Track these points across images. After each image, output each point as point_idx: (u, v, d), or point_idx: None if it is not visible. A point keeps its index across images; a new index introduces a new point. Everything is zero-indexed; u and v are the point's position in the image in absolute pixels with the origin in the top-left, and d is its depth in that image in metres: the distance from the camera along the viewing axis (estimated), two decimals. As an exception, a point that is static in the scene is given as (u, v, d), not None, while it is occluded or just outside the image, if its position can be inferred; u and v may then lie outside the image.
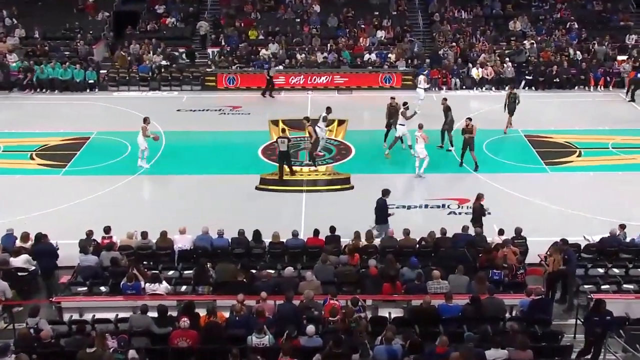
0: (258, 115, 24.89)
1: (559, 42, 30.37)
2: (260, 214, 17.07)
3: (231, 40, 30.52)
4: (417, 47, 30.36)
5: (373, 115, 25.30)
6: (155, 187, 18.99)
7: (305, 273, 12.63)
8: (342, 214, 16.70)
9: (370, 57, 29.41)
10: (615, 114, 24.74)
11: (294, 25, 32.14)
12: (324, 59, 29.37)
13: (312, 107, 25.70)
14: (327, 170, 19.98)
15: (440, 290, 12.10)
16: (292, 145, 21.25)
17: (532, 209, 17.25)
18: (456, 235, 14.37)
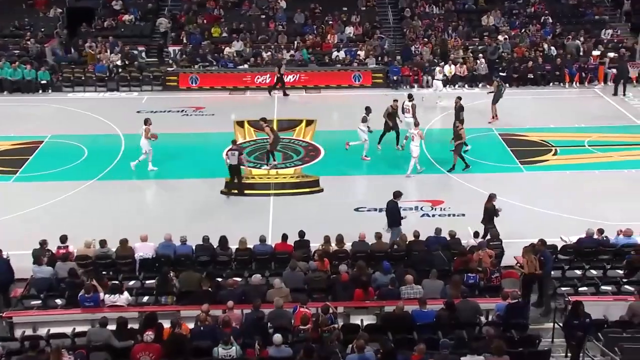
0: (223, 116, 24.81)
1: (533, 37, 30.88)
2: (225, 219, 17.02)
3: (193, 38, 30.37)
4: (387, 43, 30.58)
5: (342, 115, 25.52)
6: (114, 192, 18.77)
7: (274, 280, 12.62)
8: (312, 218, 16.75)
9: (338, 54, 29.54)
10: (591, 110, 25.23)
11: (259, 21, 32.13)
12: (290, 57, 29.41)
13: (279, 107, 25.75)
14: (295, 173, 19.99)
15: (414, 296, 12.19)
16: (259, 147, 21.29)
17: (508, 210, 17.45)
18: (429, 238, 14.50)
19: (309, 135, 22.93)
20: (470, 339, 10.90)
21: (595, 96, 27.08)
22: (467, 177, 19.36)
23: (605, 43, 30.43)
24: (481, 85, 27.97)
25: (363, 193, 18.56)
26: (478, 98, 25.19)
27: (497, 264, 13.47)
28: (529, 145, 21.67)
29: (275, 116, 24.61)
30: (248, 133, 23.10)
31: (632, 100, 26.08)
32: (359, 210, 17.66)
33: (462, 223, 16.31)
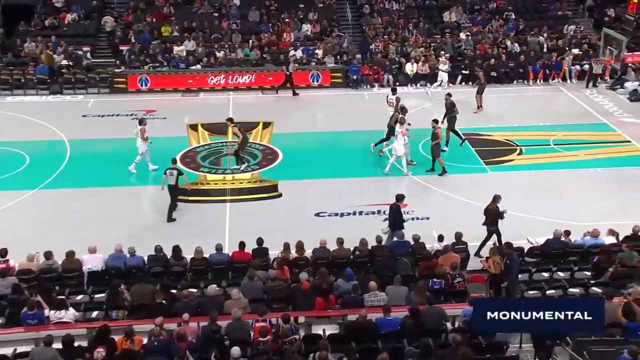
0: (175, 119, 24.62)
1: (496, 33, 31.42)
2: (179, 227, 16.90)
3: (142, 38, 30.07)
4: (346, 41, 30.76)
5: (301, 116, 25.55)
6: (59, 202, 18.44)
7: (231, 291, 12.57)
8: (270, 225, 16.73)
9: (295, 53, 29.59)
10: (556, 108, 25.78)
11: (212, 20, 31.95)
12: (245, 57, 29.34)
13: (234, 109, 25.66)
14: (253, 178, 19.95)
15: (377, 303, 12.26)
16: (214, 152, 21.19)
17: (473, 212, 17.69)
18: (393, 243, 14.61)
19: (266, 138, 22.90)
20: (436, 346, 11.00)
21: (560, 93, 27.66)
22: (431, 179, 19.57)
23: (569, 39, 31.12)
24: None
25: (324, 197, 18.58)
26: (440, 97, 25.43)
27: (457, 267, 13.56)
28: (493, 145, 22.02)
29: (231, 117, 24.53)
30: (202, 137, 22.96)
31: (597, 97, 26.71)
32: (319, 215, 17.70)
33: (426, 227, 16.47)
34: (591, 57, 28.67)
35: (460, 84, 28.45)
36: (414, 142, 20.68)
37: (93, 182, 19.48)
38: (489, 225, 15.59)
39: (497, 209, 15.62)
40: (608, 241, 14.79)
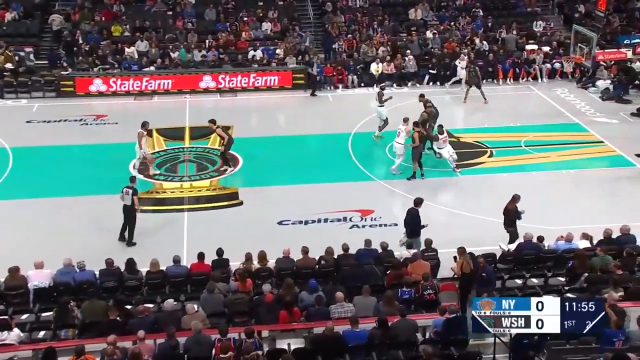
0: (128, 124, 24.28)
1: (464, 31, 31.81)
2: (133, 239, 16.71)
3: (90, 38, 29.71)
4: (307, 41, 30.83)
5: (261, 119, 25.53)
6: (1, 215, 18.10)
7: (188, 305, 12.45)
8: (231, 234, 16.68)
9: (255, 54, 29.55)
10: (527, 108, 26.17)
11: (166, 18, 31.75)
12: (202, 58, 29.20)
13: (191, 113, 25.53)
14: (212, 185, 19.85)
15: (344, 314, 12.28)
16: (170, 157, 21.06)
17: (443, 216, 17.89)
18: (360, 252, 14.65)
19: (225, 142, 22.80)
20: (406, 359, 11.03)
21: (531, 93, 28.10)
22: (398, 183, 19.68)
23: (539, 36, 31.66)
24: (410, 84, 28.55)
25: (286, 205, 18.56)
26: (407, 98, 25.68)
27: (429, 276, 13.65)
28: (462, 147, 22.22)
29: (187, 123, 24.40)
30: (157, 143, 22.78)
31: (568, 96, 27.20)
32: (282, 223, 17.69)
33: (394, 233, 16.57)
34: (562, 55, 29.22)
35: (428, 84, 28.71)
36: (381, 146, 20.85)
37: (39, 192, 19.17)
38: (508, 226, 15.84)
39: (516, 209, 15.85)
40: (582, 245, 15.03)
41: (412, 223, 15.84)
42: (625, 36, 28.68)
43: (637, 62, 27.89)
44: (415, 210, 15.94)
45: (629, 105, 25.92)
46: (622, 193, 19.43)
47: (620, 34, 30.03)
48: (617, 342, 10.99)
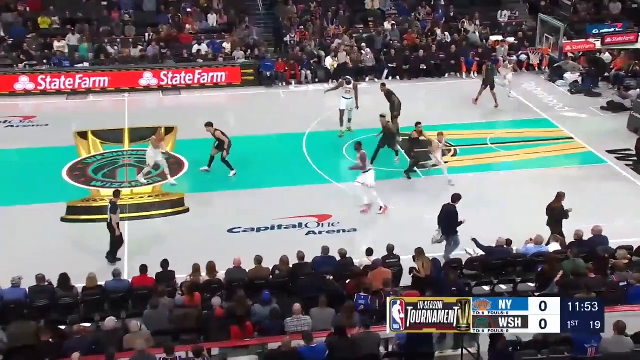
0: (59, 126, 24.09)
1: (425, 22, 32.14)
2: (68, 252, 16.51)
3: (15, 31, 29.18)
4: (256, 33, 30.79)
5: (208, 119, 25.28)
6: None
7: (131, 322, 12.33)
8: (176, 244, 16.59)
9: (200, 48, 29.42)
10: (493, 103, 26.45)
11: (100, 10, 31.42)
12: (142, 53, 28.94)
13: (130, 113, 25.31)
14: (154, 191, 19.70)
15: (301, 328, 12.28)
16: (108, 163, 20.85)
17: (405, 221, 18.02)
18: (316, 260, 14.69)
19: (168, 145, 22.62)
20: (369, 374, 11.10)
21: (496, 87, 28.44)
22: (357, 186, 19.75)
23: (504, 26, 32.19)
24: (368, 79, 28.73)
25: (237, 211, 18.52)
26: (366, 93, 25.80)
27: (396, 284, 13.80)
28: (425, 146, 22.36)
29: (127, 124, 24.18)
30: (93, 146, 22.54)
31: (535, 90, 27.69)
32: (233, 231, 17.64)
33: (353, 239, 16.65)
34: (528, 47, 29.74)
35: (387, 78, 28.93)
36: (339, 146, 20.88)
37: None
38: (554, 228, 16.03)
39: (562, 208, 16.07)
40: (552, 248, 15.29)
41: (448, 220, 16.09)
42: (594, 26, 29.36)
43: (607, 53, 28.58)
44: (453, 206, 16.19)
45: (599, 99, 26.51)
46: (593, 192, 19.83)
47: (588, 23, 30.71)
48: (590, 348, 11.22)
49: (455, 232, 16.11)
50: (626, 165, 21.06)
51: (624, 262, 14.05)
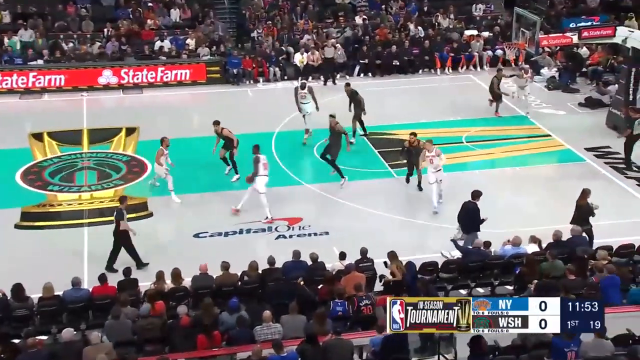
0: (12, 127, 23.84)
1: (397, 16, 32.28)
2: (23, 261, 16.32)
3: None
4: (222, 29, 30.72)
5: (172, 119, 25.29)
6: None
7: (91, 334, 12.22)
8: (140, 250, 16.41)
9: (162, 44, 29.28)
10: (468, 100, 26.69)
11: (54, 4, 31.09)
12: (100, 50, 28.72)
13: (88, 113, 25.12)
14: (116, 195, 19.54)
15: (271, 336, 12.28)
16: (65, 166, 20.68)
17: (378, 223, 18.09)
18: (287, 265, 14.69)
19: (130, 146, 22.59)
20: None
21: (471, 83, 28.73)
22: (329, 187, 19.82)
23: (479, 20, 32.45)
24: (339, 76, 28.78)
25: (203, 215, 18.49)
26: (336, 92, 25.89)
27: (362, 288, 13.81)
28: (399, 145, 22.52)
29: (85, 125, 24.01)
30: (49, 148, 22.34)
31: (512, 86, 27.88)
32: (199, 236, 17.60)
33: (325, 243, 16.68)
34: (503, 41, 29.99)
35: (359, 75, 29.03)
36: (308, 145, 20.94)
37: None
38: (583, 224, 16.17)
39: (588, 205, 16.26)
40: (530, 249, 15.44)
41: (468, 217, 16.29)
42: (571, 19, 29.69)
43: (584, 48, 28.92)
44: (473, 203, 16.33)
45: (576, 95, 26.83)
46: (572, 190, 19.94)
47: (565, 17, 31.06)
48: (569, 352, 11.34)
49: (477, 229, 16.29)
50: (605, 163, 21.32)
51: (603, 263, 14.22)
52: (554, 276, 13.96)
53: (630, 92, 23.15)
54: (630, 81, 23.14)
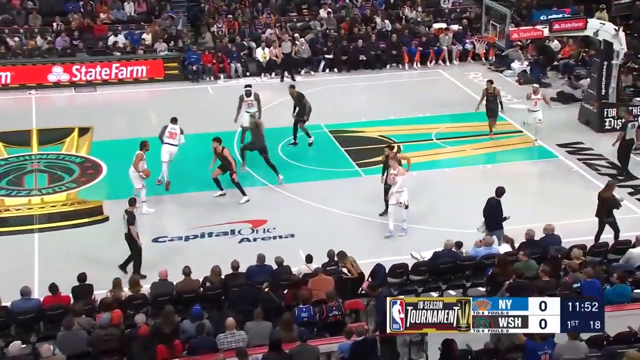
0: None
1: (363, 9, 32.41)
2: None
3: None
4: (180, 23, 30.62)
5: (128, 118, 25.16)
6: None
7: (42, 347, 12.09)
8: (95, 257, 16.42)
9: (116, 40, 29.09)
10: (437, 96, 26.94)
11: (-2, -4, 30.81)
12: (49, 45, 28.46)
13: (38, 113, 24.87)
14: (68, 199, 19.44)
15: (235, 344, 12.28)
16: (14, 168, 20.49)
17: (347, 224, 18.14)
18: (251, 269, 14.69)
19: (84, 147, 22.46)
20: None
21: (440, 78, 28.96)
22: (295, 188, 19.86)
23: (447, 13, 32.69)
24: (304, 72, 28.83)
25: (162, 218, 18.45)
26: (301, 88, 25.84)
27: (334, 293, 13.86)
28: (366, 143, 22.67)
29: (34, 125, 23.82)
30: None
31: (482, 80, 28.12)
32: (158, 241, 17.54)
33: (291, 246, 16.71)
34: (473, 35, 30.27)
35: (324, 71, 29.11)
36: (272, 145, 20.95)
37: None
38: (605, 217, 16.44)
39: (613, 197, 16.46)
40: (503, 250, 15.60)
41: (494, 214, 16.44)
42: (542, 11, 30.01)
43: (555, 41, 29.26)
44: (497, 201, 16.49)
45: (548, 89, 27.11)
46: (545, 188, 20.33)
47: (535, 9, 31.41)
48: (543, 355, 11.49)
49: (500, 227, 16.46)
50: (578, 160, 21.60)
51: (577, 262, 14.41)
52: (527, 276, 14.12)
53: (603, 86, 23.48)
54: (602, 75, 23.45)
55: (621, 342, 12.16)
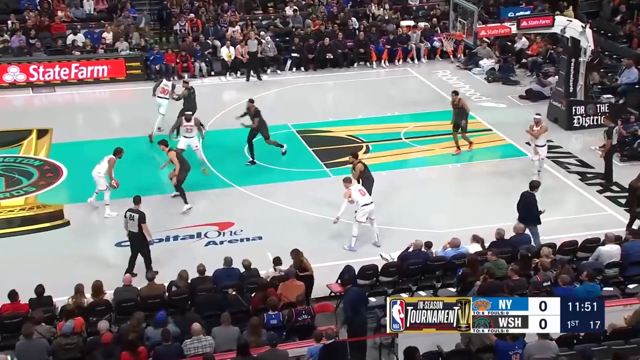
0: None
1: (330, 6, 32.48)
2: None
3: None
4: (143, 21, 30.47)
5: (88, 120, 25.00)
6: None
7: (1, 356, 12.01)
8: (55, 263, 16.29)
9: (75, 38, 28.87)
10: (406, 95, 27.06)
11: (-52, -7, 30.47)
12: (4, 45, 28.22)
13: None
14: (27, 203, 19.27)
15: (202, 350, 12.26)
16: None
17: (315, 225, 18.17)
18: (218, 273, 14.68)
19: (43, 150, 22.27)
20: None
21: (409, 77, 29.11)
22: (261, 189, 19.86)
23: (415, 10, 32.85)
24: (270, 71, 28.83)
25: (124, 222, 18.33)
26: (268, 87, 25.93)
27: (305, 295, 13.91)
28: (334, 143, 22.72)
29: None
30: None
31: (450, 78, 28.40)
32: (121, 245, 17.38)
33: (258, 248, 16.71)
34: (441, 32, 30.45)
35: (291, 69, 29.14)
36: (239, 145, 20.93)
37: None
38: (634, 207, 16.77)
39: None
40: (473, 249, 15.72)
41: (526, 209, 16.58)
42: (509, 8, 30.33)
43: (523, 38, 29.56)
44: (531, 194, 16.64)
45: (517, 87, 27.40)
46: (514, 187, 20.40)
47: (502, 5, 31.71)
48: (514, 355, 11.62)
49: (536, 221, 16.63)
50: (547, 157, 21.77)
51: (547, 260, 14.58)
52: (497, 276, 14.25)
53: (571, 83, 23.75)
54: (570, 72, 23.72)
55: (591, 340, 12.32)
